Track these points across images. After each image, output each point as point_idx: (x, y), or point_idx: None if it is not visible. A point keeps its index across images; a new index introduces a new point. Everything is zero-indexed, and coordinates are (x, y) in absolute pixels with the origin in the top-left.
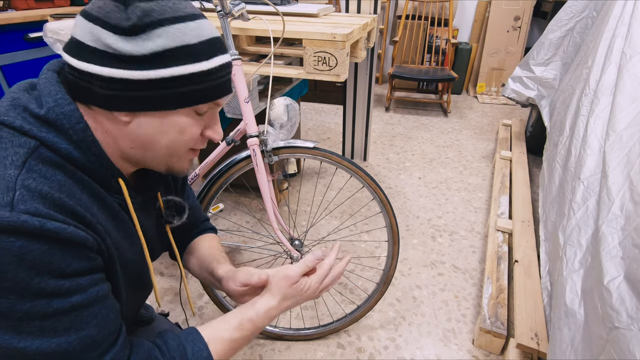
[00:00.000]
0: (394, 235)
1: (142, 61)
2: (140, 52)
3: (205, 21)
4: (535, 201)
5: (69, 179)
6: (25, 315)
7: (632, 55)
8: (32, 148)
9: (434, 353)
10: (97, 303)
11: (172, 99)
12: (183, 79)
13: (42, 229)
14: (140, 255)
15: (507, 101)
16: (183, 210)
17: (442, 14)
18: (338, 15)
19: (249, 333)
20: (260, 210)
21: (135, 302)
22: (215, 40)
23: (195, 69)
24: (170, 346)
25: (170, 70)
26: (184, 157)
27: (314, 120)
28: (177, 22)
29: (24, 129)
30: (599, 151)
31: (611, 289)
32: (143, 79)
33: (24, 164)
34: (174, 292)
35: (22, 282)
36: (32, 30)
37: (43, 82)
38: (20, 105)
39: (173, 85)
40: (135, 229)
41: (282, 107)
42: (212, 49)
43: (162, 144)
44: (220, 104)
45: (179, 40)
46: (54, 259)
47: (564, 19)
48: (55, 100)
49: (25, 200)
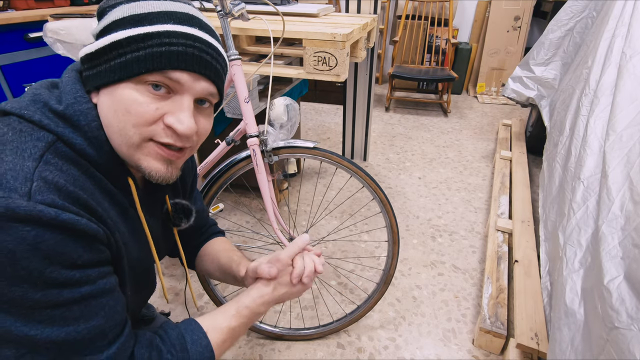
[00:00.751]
0: (394, 235)
1: (97, 36)
2: (98, 29)
3: (171, 3)
4: (535, 201)
5: (83, 174)
6: (37, 303)
7: (632, 55)
8: (50, 142)
9: (434, 353)
10: (105, 294)
11: (114, 67)
12: (122, 44)
13: (57, 219)
14: (147, 254)
15: (507, 101)
16: (190, 214)
17: (442, 14)
18: (338, 15)
19: (246, 320)
20: (260, 210)
21: (139, 299)
22: (175, 13)
23: (132, 32)
24: (170, 335)
25: (111, 37)
26: (144, 150)
27: (314, 120)
28: (136, 0)
29: (42, 122)
30: (599, 151)
31: (611, 289)
32: (92, 51)
33: (41, 157)
34: (174, 292)
35: (35, 270)
36: (32, 30)
37: (65, 80)
38: (40, 101)
39: (115, 53)
40: (143, 227)
41: (282, 107)
42: (164, 17)
43: (115, 126)
44: (180, 82)
45: (128, 12)
46: (66, 249)
47: (564, 19)
48: (75, 98)
49: (42, 191)
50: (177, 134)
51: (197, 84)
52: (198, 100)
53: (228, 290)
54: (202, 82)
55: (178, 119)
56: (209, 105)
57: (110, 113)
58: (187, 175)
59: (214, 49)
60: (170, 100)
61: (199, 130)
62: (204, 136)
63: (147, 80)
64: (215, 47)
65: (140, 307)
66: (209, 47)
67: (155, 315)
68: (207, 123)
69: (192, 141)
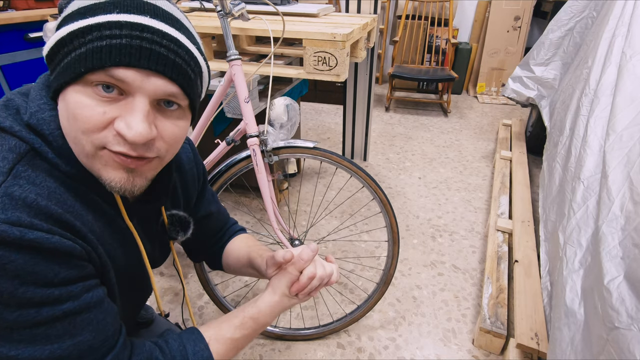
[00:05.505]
0: (394, 235)
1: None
2: (54, 27)
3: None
4: (535, 201)
5: (61, 186)
6: (14, 324)
7: (632, 55)
8: (22, 153)
9: (434, 353)
10: (91, 308)
11: (62, 68)
12: (65, 42)
13: (22, 239)
14: (139, 263)
15: (507, 101)
16: (188, 226)
17: (442, 14)
18: (338, 15)
19: (251, 331)
20: (260, 210)
21: (134, 305)
22: (123, 1)
23: (74, 27)
24: (171, 346)
25: (56, 34)
26: (101, 159)
27: (314, 120)
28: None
29: (13, 129)
30: (599, 151)
31: (611, 288)
32: (47, 52)
33: (10, 170)
34: (174, 292)
35: (5, 291)
36: (32, 30)
37: (34, 86)
38: (13, 107)
39: (62, 52)
40: (134, 237)
41: (282, 107)
42: (109, 6)
43: (70, 135)
44: (126, 81)
45: (77, 5)
46: (38, 268)
47: (564, 18)
48: (38, 106)
49: (7, 209)
50: (128, 142)
51: (148, 82)
52: (164, 102)
53: (228, 290)
54: (155, 80)
55: (127, 124)
56: (177, 107)
57: (64, 120)
58: (192, 186)
59: (172, 40)
60: (121, 102)
61: (164, 136)
62: (175, 143)
63: (93, 80)
64: (173, 37)
65: (137, 311)
66: (163, 37)
67: (154, 317)
68: (175, 128)
69: (155, 150)
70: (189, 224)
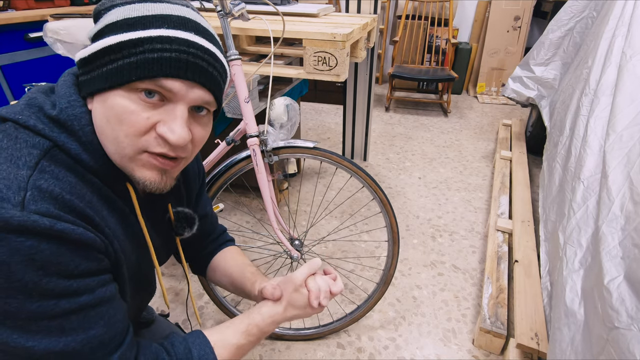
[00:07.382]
0: (394, 235)
1: (92, 40)
2: (93, 32)
3: (168, 5)
4: (535, 201)
5: (80, 181)
6: (33, 314)
7: (632, 55)
8: (46, 149)
9: (434, 353)
10: (104, 303)
11: (106, 73)
12: (114, 49)
13: (52, 229)
14: (146, 259)
15: (507, 101)
16: (193, 223)
17: (442, 14)
18: (338, 15)
19: (254, 338)
20: (260, 210)
21: (139, 304)
22: (170, 17)
23: (124, 37)
24: (177, 349)
25: (103, 42)
26: (138, 162)
27: (314, 120)
28: (132, 2)
29: (37, 128)
30: (599, 151)
31: (611, 289)
32: (85, 56)
33: (36, 165)
34: (174, 292)
35: (30, 282)
36: (32, 30)
37: (60, 84)
38: (35, 105)
39: (107, 59)
40: (143, 233)
41: (282, 107)
42: (157, 21)
43: (108, 135)
44: (173, 91)
45: (121, 15)
46: (62, 259)
47: (564, 18)
48: (68, 102)
49: (37, 201)
50: (170, 144)
51: (191, 92)
52: (195, 107)
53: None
54: (197, 90)
55: (170, 129)
56: (206, 112)
57: (103, 121)
58: (193, 182)
59: (210, 54)
60: (162, 108)
61: (194, 139)
62: (200, 145)
63: (139, 87)
64: (212, 52)
65: (141, 311)
66: (204, 52)
67: (155, 317)
68: (204, 132)
69: (187, 150)
70: (194, 220)
